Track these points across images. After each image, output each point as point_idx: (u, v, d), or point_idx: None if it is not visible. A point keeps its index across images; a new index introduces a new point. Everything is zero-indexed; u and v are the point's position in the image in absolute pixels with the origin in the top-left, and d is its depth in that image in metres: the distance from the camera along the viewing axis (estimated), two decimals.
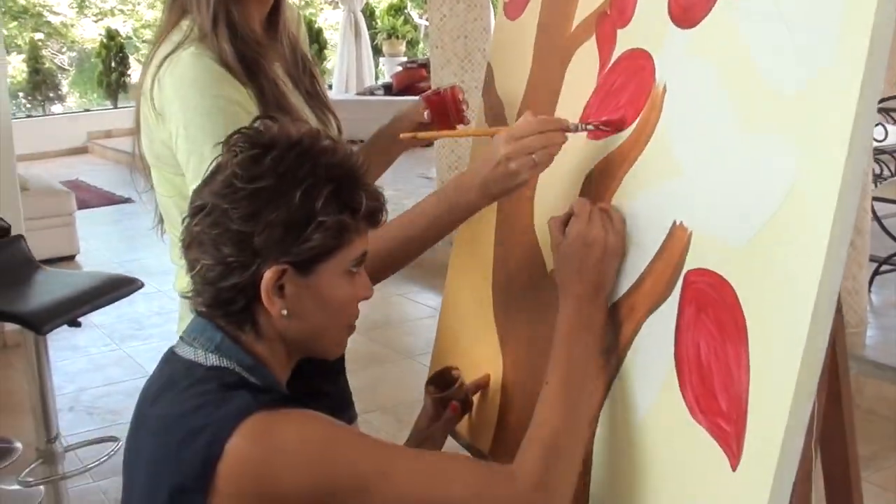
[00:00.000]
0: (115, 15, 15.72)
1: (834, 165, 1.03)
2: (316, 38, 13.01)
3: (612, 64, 1.41)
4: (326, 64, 13.47)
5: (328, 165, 1.21)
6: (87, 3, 15.80)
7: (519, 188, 1.38)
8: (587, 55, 1.48)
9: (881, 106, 5.03)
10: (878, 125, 4.93)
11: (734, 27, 1.19)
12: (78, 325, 2.99)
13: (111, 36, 13.64)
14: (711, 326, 1.16)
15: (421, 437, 1.63)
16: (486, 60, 1.86)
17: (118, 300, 3.03)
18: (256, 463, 1.13)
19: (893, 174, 5.39)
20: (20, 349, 3.81)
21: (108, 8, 15.83)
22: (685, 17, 1.27)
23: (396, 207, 1.41)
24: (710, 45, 1.23)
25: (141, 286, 3.11)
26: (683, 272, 1.21)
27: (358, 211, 1.23)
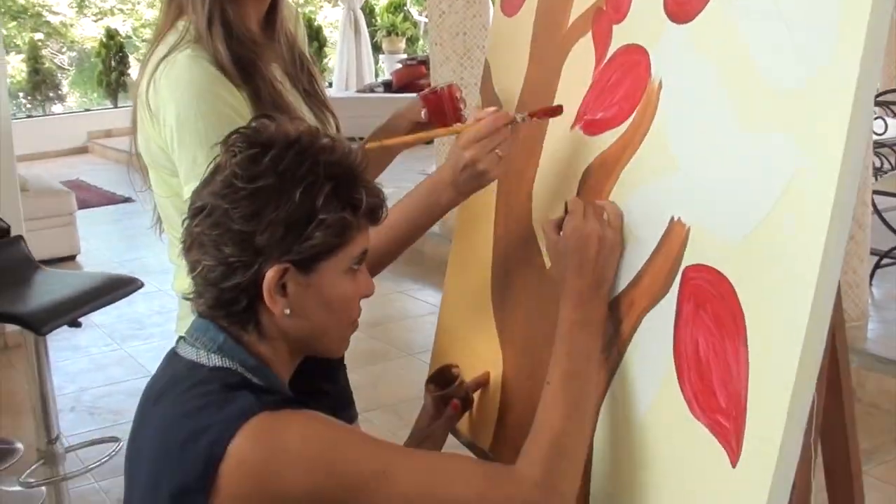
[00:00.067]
0: (114, 14, 15.70)
1: (832, 161, 1.03)
2: (315, 35, 13.00)
3: (607, 60, 1.41)
4: (327, 62, 13.46)
5: (327, 163, 1.21)
6: (86, 2, 15.79)
7: (491, 181, 1.46)
8: (584, 51, 1.47)
9: (881, 99, 5.04)
10: (877, 119, 4.93)
11: (731, 23, 1.19)
12: (78, 325, 2.98)
13: (111, 35, 13.62)
14: (710, 323, 1.16)
15: (422, 435, 1.63)
16: (485, 57, 1.85)
17: (118, 300, 3.03)
18: (259, 464, 1.12)
19: (893, 167, 5.39)
20: (21, 350, 3.82)
21: (107, 7, 15.81)
22: (681, 12, 1.27)
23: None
24: (706, 40, 1.23)
25: (141, 286, 3.10)
26: (682, 268, 1.21)
27: (359, 208, 1.23)
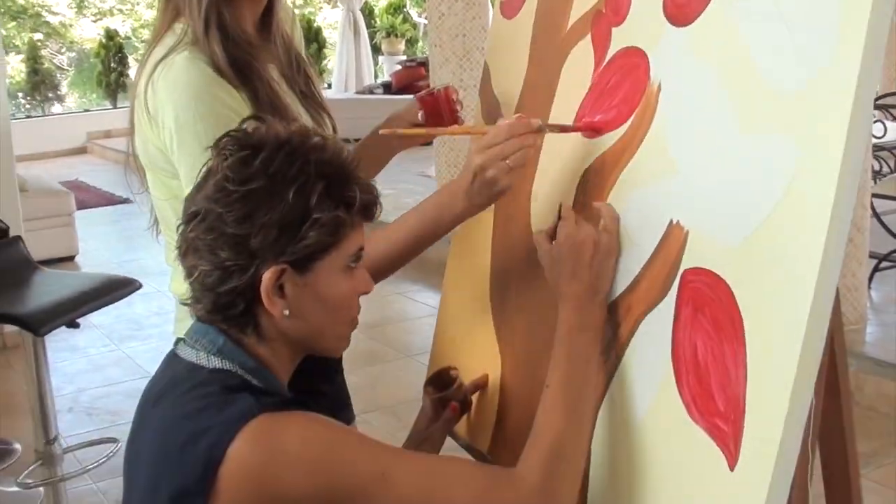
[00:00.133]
0: (113, 15, 15.70)
1: (831, 164, 1.03)
2: (315, 36, 12.99)
3: (606, 62, 1.41)
4: (326, 63, 13.46)
5: (319, 162, 1.21)
6: (85, 3, 15.79)
7: (503, 193, 1.39)
8: (583, 54, 1.47)
9: (880, 103, 5.04)
10: (877, 122, 4.93)
11: (731, 25, 1.18)
12: (76, 326, 2.98)
13: (110, 36, 13.62)
14: (708, 326, 1.15)
15: (420, 437, 1.63)
16: (484, 59, 1.85)
17: (117, 301, 3.03)
18: (258, 466, 1.12)
19: (893, 171, 5.39)
20: (19, 350, 3.81)
21: (106, 8, 15.82)
22: (680, 14, 1.27)
23: (396, 205, 1.42)
24: (705, 43, 1.22)
25: (139, 287, 3.10)
26: (680, 271, 1.21)
27: (352, 206, 1.23)
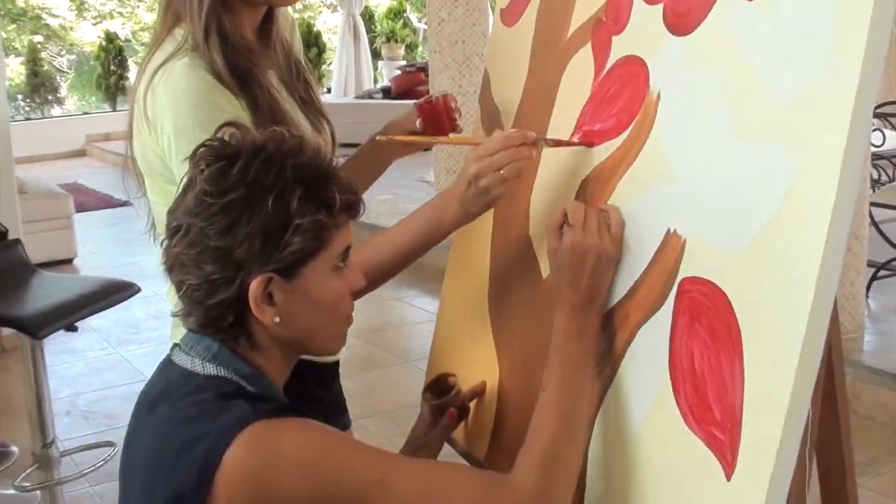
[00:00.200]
0: (113, 18, 15.71)
1: (830, 172, 1.03)
2: (315, 41, 13.01)
3: (606, 71, 1.41)
4: (327, 66, 13.45)
5: (295, 167, 1.20)
6: (85, 5, 15.80)
7: (496, 202, 1.42)
8: (583, 62, 1.47)
9: (879, 111, 5.04)
10: (875, 130, 4.93)
11: (731, 35, 1.18)
12: (75, 329, 2.97)
13: (110, 39, 13.63)
14: (705, 335, 1.15)
15: (417, 444, 1.63)
16: (484, 65, 1.85)
17: (115, 305, 3.03)
18: (255, 472, 1.12)
19: (891, 179, 5.40)
20: (17, 353, 3.81)
21: (106, 11, 15.83)
22: (680, 24, 1.27)
23: (394, 211, 1.43)
24: (705, 52, 1.23)
25: (138, 291, 3.10)
26: (677, 281, 1.21)
27: (333, 207, 1.22)
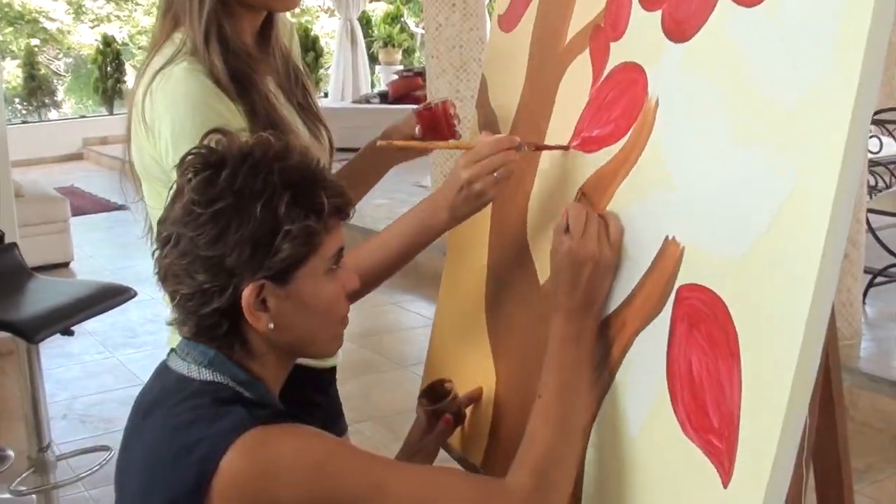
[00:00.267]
0: (111, 21, 15.73)
1: (828, 179, 1.02)
2: (312, 45, 13.01)
3: (604, 77, 1.41)
4: (325, 70, 13.46)
5: (282, 172, 1.20)
6: (83, 9, 15.81)
7: (486, 205, 1.44)
8: (581, 68, 1.47)
9: (876, 118, 5.05)
10: (872, 137, 4.94)
11: (730, 42, 1.18)
12: (71, 333, 2.97)
13: (107, 42, 13.63)
14: (703, 342, 1.15)
15: (413, 449, 1.63)
16: (481, 70, 1.85)
17: (111, 309, 3.02)
18: (251, 478, 1.12)
19: (888, 186, 5.41)
20: (13, 357, 3.79)
21: (104, 14, 15.84)
22: (678, 30, 1.27)
23: (390, 215, 1.42)
24: (704, 59, 1.22)
25: (134, 295, 3.10)
26: (675, 287, 1.21)
27: (322, 212, 1.21)
